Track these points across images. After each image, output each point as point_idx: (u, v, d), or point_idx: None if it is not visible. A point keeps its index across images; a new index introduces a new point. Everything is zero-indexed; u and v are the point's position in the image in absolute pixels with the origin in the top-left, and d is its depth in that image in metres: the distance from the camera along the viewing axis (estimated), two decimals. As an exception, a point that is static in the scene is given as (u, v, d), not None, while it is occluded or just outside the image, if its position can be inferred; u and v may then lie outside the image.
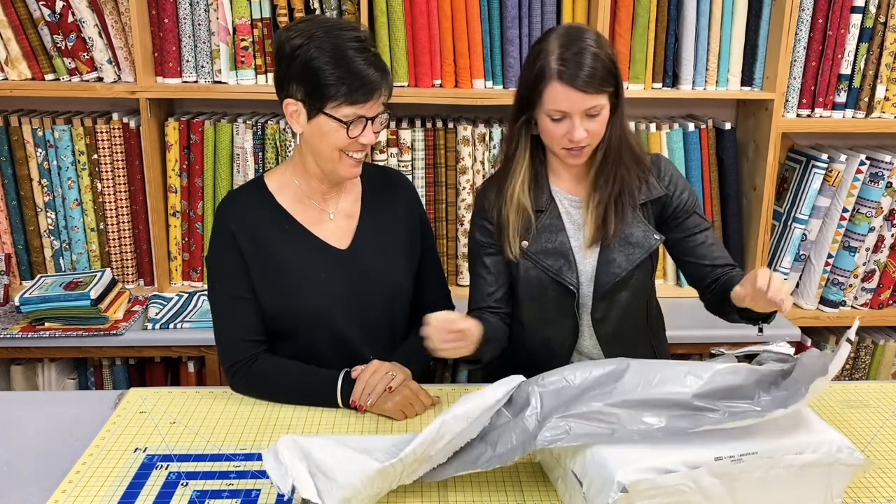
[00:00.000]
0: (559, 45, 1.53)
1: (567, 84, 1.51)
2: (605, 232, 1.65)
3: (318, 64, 1.48)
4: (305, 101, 1.53)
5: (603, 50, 1.54)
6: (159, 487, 1.33)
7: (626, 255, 1.66)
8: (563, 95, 1.52)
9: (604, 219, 1.64)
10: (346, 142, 1.54)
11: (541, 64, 1.53)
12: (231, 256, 1.63)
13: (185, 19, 2.41)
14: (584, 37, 1.54)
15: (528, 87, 1.57)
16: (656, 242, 1.68)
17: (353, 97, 1.49)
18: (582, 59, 1.51)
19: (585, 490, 1.20)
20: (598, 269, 1.67)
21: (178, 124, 2.48)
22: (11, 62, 2.42)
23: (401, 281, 1.74)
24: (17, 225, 2.54)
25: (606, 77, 1.54)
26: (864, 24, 2.45)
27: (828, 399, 1.65)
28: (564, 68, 1.51)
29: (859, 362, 2.75)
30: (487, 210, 1.70)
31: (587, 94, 1.51)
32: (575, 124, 1.54)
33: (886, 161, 2.49)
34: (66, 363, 2.53)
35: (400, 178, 1.84)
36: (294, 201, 1.67)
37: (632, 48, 2.44)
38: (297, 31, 1.52)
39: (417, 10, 2.37)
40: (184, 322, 2.34)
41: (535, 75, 1.54)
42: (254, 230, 1.63)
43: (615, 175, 1.64)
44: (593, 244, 1.67)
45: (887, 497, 1.32)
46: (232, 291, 1.64)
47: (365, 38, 1.53)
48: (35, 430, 1.53)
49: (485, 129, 2.50)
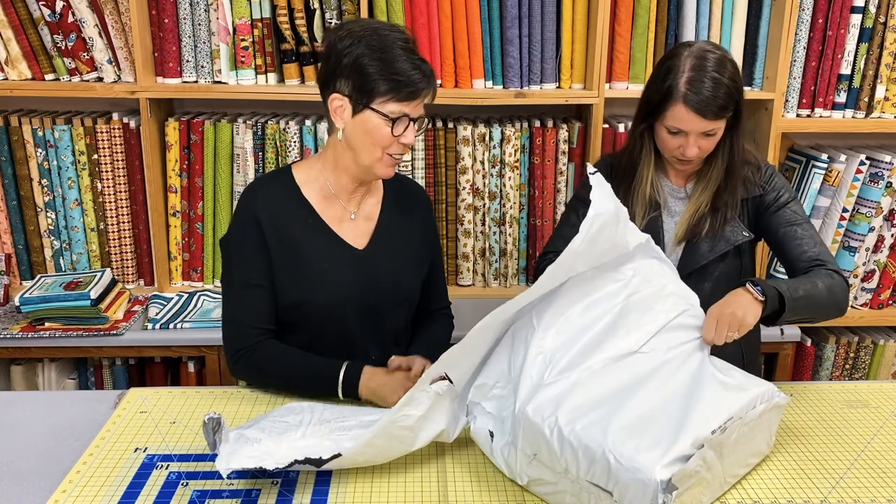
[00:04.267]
0: (690, 66, 1.64)
1: (691, 108, 1.63)
2: (697, 234, 1.78)
3: (367, 60, 1.52)
4: (352, 95, 1.55)
5: (727, 75, 1.64)
6: (159, 487, 1.33)
7: (711, 245, 1.77)
8: (685, 118, 1.65)
9: (699, 222, 1.77)
10: (389, 140, 1.56)
11: (670, 83, 1.65)
12: (252, 242, 1.64)
13: (185, 19, 2.41)
14: (713, 61, 1.64)
15: (653, 99, 1.70)
16: (743, 238, 1.77)
17: (401, 94, 1.53)
18: (708, 85, 1.62)
19: (619, 499, 1.19)
20: (683, 257, 1.79)
21: (178, 124, 2.48)
22: (11, 62, 2.42)
23: (411, 286, 1.78)
24: (17, 225, 2.54)
25: (727, 103, 1.65)
26: (864, 24, 2.44)
27: (828, 399, 1.65)
28: (691, 93, 1.63)
29: (859, 362, 2.75)
30: None
31: (707, 120, 1.64)
32: (690, 142, 1.68)
33: (886, 161, 2.49)
34: (66, 363, 2.53)
35: (419, 189, 1.88)
36: (320, 197, 1.69)
37: (632, 48, 2.44)
38: (347, 30, 1.56)
39: (417, 10, 2.37)
40: (184, 322, 2.34)
41: (664, 93, 1.66)
42: (279, 220, 1.65)
43: (728, 189, 1.76)
44: (681, 241, 1.79)
45: (887, 497, 1.32)
46: (247, 277, 1.65)
47: (412, 41, 1.58)
48: (35, 430, 1.53)
49: (485, 129, 2.50)
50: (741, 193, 1.77)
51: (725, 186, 1.76)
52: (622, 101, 2.56)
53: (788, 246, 1.74)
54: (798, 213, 1.77)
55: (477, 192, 2.56)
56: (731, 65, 1.67)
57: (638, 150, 1.79)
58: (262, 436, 1.34)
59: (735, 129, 1.72)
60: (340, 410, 1.49)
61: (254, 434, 1.35)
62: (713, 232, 1.76)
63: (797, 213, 1.77)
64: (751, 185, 1.78)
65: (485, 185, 2.55)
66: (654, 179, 1.81)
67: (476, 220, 2.59)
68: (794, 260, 1.73)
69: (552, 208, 2.58)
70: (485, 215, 2.58)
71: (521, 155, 2.54)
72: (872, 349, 2.73)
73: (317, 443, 1.34)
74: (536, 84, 2.48)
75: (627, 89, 2.48)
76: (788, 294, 1.54)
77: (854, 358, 2.75)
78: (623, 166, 1.83)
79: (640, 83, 2.47)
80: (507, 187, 2.54)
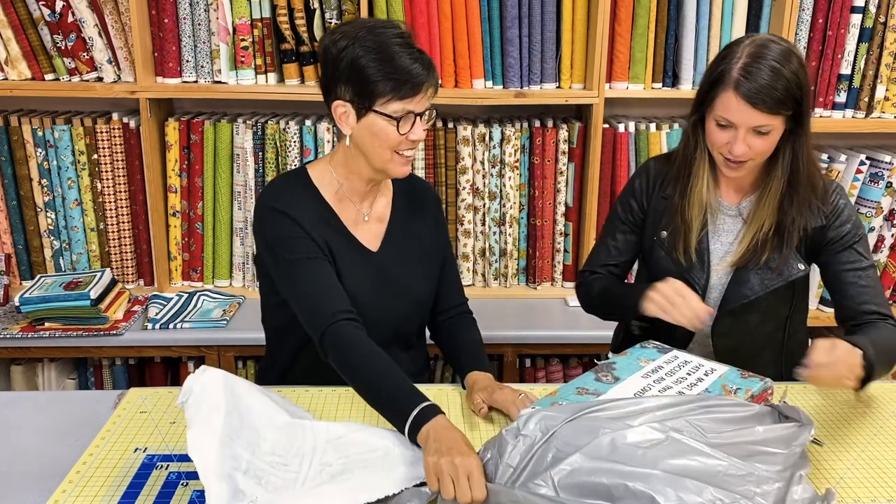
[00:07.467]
0: (747, 53, 1.49)
1: (741, 96, 1.48)
2: (755, 260, 1.62)
3: (364, 62, 1.49)
4: (354, 101, 1.52)
5: (789, 69, 1.48)
6: (159, 487, 1.32)
7: (762, 278, 1.63)
8: (735, 106, 1.49)
9: (760, 247, 1.61)
10: (398, 139, 1.53)
11: (723, 68, 1.51)
12: (297, 230, 1.57)
13: (185, 19, 2.41)
14: (773, 50, 1.49)
15: (706, 86, 1.55)
16: (798, 273, 1.63)
17: (402, 92, 1.50)
18: (764, 74, 1.46)
19: None
20: (730, 286, 1.65)
21: (178, 124, 2.48)
22: (11, 62, 2.42)
23: (424, 289, 1.75)
24: (17, 225, 2.54)
25: (785, 99, 1.48)
26: (864, 24, 2.44)
27: (828, 399, 1.65)
28: (744, 79, 1.47)
29: (859, 362, 2.74)
30: (640, 191, 1.75)
31: (759, 111, 1.47)
32: (738, 137, 1.51)
33: (886, 161, 2.49)
34: (66, 363, 2.53)
35: (428, 187, 1.86)
36: (335, 199, 1.67)
37: (632, 48, 2.44)
38: (341, 33, 1.53)
39: (417, 10, 2.37)
40: (184, 322, 2.34)
41: (716, 77, 1.52)
42: (305, 217, 1.60)
43: (793, 208, 1.59)
44: (737, 265, 1.64)
45: (887, 497, 1.32)
46: (312, 252, 1.57)
47: (408, 34, 1.54)
48: (35, 430, 1.53)
49: (485, 129, 2.50)
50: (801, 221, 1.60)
51: (790, 205, 1.59)
52: (622, 101, 2.56)
53: (850, 292, 1.61)
54: (864, 256, 1.62)
55: (477, 192, 2.56)
56: (798, 60, 1.50)
57: (692, 147, 1.63)
58: (259, 491, 1.21)
59: (798, 135, 1.55)
60: (343, 444, 1.32)
61: (249, 487, 1.22)
62: (776, 261, 1.61)
63: (863, 256, 1.62)
64: (813, 213, 1.60)
65: (485, 185, 2.55)
66: (710, 183, 1.64)
67: (476, 220, 2.59)
68: (854, 308, 1.61)
69: (552, 208, 2.58)
70: (485, 215, 2.58)
71: (521, 155, 2.54)
72: (872, 349, 2.73)
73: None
74: (536, 84, 2.48)
75: (627, 89, 2.48)
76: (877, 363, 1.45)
77: (854, 358, 2.74)
78: (677, 167, 1.68)
79: (640, 83, 2.47)
80: (507, 187, 2.54)
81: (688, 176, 1.65)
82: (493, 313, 2.46)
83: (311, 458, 1.27)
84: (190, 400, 1.27)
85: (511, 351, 2.42)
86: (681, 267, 1.67)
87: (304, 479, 1.24)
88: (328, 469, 1.26)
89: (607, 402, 1.28)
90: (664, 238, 1.70)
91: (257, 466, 1.24)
